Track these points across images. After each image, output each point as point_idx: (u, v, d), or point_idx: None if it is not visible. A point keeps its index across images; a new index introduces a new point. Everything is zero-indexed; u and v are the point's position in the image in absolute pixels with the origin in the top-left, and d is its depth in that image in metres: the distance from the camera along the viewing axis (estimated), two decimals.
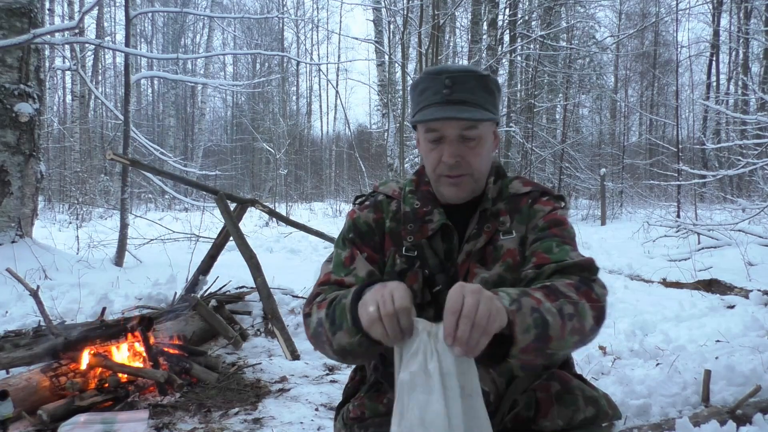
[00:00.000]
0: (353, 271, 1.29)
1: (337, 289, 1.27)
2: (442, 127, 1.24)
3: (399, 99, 13.71)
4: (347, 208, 15.69)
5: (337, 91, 21.59)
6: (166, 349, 3.09)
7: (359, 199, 1.44)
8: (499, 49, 13.06)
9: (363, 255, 1.31)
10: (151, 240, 7.80)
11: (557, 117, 18.27)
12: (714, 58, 20.70)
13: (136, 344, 3.01)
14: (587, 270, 1.19)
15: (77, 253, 6.88)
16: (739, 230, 7.61)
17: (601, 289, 1.18)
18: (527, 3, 15.81)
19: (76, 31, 9.19)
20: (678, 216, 10.11)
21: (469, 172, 1.27)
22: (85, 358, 2.80)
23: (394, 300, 1.00)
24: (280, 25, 23.50)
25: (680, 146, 12.76)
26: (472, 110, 1.22)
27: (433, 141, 1.26)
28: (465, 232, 1.31)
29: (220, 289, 4.32)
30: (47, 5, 13.68)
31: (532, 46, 13.86)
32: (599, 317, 1.14)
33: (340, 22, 33.11)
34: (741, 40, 19.56)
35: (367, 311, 1.02)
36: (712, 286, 5.36)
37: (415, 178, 1.41)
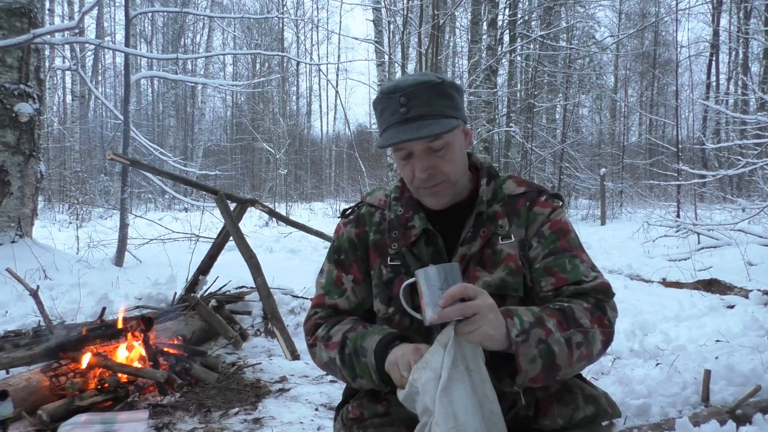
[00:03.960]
0: (345, 293, 1.37)
1: (333, 314, 1.36)
2: (407, 145, 1.24)
3: None
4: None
5: (337, 91, 21.61)
6: (166, 349, 3.09)
7: (345, 213, 1.46)
8: (499, 49, 13.06)
9: (349, 277, 1.37)
10: (151, 240, 7.80)
11: (557, 117, 18.27)
12: (714, 58, 20.70)
13: (136, 344, 3.01)
14: (602, 293, 1.23)
15: (77, 253, 6.88)
16: (739, 230, 7.61)
17: (613, 313, 1.22)
18: (527, 3, 15.81)
19: (76, 31, 9.19)
20: (678, 216, 10.11)
21: (445, 179, 1.27)
22: (85, 358, 2.80)
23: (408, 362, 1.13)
24: (280, 25, 23.46)
25: (680, 146, 12.76)
26: (431, 124, 1.20)
27: (403, 158, 1.27)
28: (458, 234, 1.30)
29: (220, 289, 4.32)
30: (47, 5, 13.68)
31: (531, 46, 13.85)
32: (607, 341, 1.20)
33: (340, 22, 33.22)
34: (741, 40, 19.56)
35: (397, 378, 1.15)
36: (711, 286, 5.36)
37: (400, 184, 1.41)
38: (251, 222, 13.08)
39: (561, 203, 1.34)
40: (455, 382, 1.04)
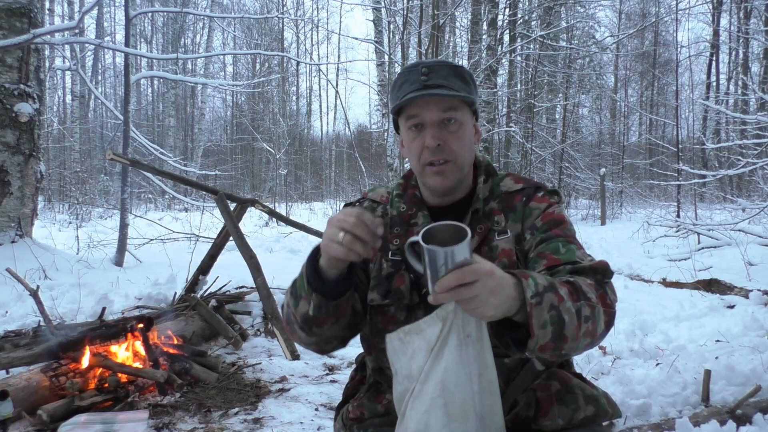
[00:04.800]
0: None
1: None
2: (422, 111, 1.25)
3: None
4: None
5: (337, 91, 21.57)
6: (166, 349, 3.09)
7: (348, 205, 1.45)
8: (499, 49, 13.05)
9: None
10: (151, 240, 7.80)
11: (557, 117, 18.26)
12: (714, 58, 20.68)
13: (136, 344, 3.01)
14: (601, 273, 1.19)
15: (77, 253, 6.89)
16: (739, 230, 7.61)
17: (613, 295, 1.19)
18: (527, 3, 15.81)
19: (76, 31, 9.19)
20: (678, 216, 10.11)
21: (452, 158, 1.26)
22: (85, 358, 2.80)
23: (351, 214, 1.07)
24: (280, 25, 23.43)
25: (680, 146, 12.77)
26: (449, 92, 1.24)
27: (415, 128, 1.27)
28: None
29: (220, 289, 4.32)
30: (47, 5, 13.68)
31: (531, 46, 13.85)
32: (609, 322, 1.16)
33: (340, 22, 33.14)
34: (741, 40, 19.55)
35: (334, 239, 1.07)
36: (712, 286, 5.36)
37: (402, 181, 1.41)
38: (251, 222, 13.07)
39: (558, 199, 1.33)
40: (449, 351, 1.01)
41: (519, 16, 14.20)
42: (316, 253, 1.18)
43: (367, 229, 1.06)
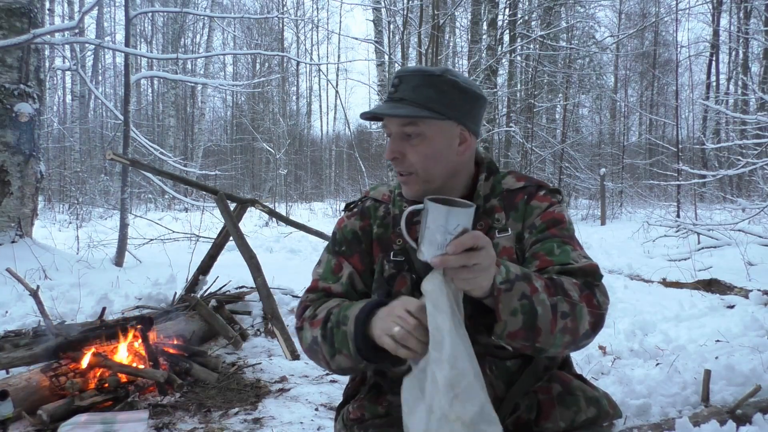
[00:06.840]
0: (340, 279, 1.33)
1: (325, 296, 1.31)
2: (388, 122, 1.27)
3: None
4: None
5: (337, 91, 21.52)
6: (166, 349, 3.09)
7: (349, 206, 1.45)
8: (499, 49, 13.05)
9: (348, 267, 1.34)
10: (151, 240, 7.80)
11: (557, 117, 18.27)
12: (714, 58, 20.69)
13: (136, 344, 3.01)
14: (591, 275, 1.19)
15: (77, 253, 6.89)
16: (739, 230, 7.61)
17: (603, 297, 1.18)
18: (527, 3, 15.81)
19: (76, 31, 9.19)
20: (678, 216, 10.11)
21: (413, 171, 1.25)
22: (85, 358, 2.80)
23: (413, 311, 1.06)
24: (280, 25, 23.43)
25: (680, 146, 12.76)
26: (407, 108, 1.21)
27: (387, 136, 1.29)
28: None
29: (220, 289, 4.32)
30: (47, 5, 13.66)
31: (531, 46, 13.85)
32: (596, 324, 1.15)
33: (340, 22, 33.13)
34: (741, 40, 19.55)
35: (388, 332, 1.06)
36: (711, 286, 5.36)
37: None
38: (251, 222, 13.07)
39: (560, 198, 1.33)
40: (458, 330, 1.01)
41: (519, 16, 14.21)
42: (365, 319, 1.13)
43: (425, 332, 1.03)
